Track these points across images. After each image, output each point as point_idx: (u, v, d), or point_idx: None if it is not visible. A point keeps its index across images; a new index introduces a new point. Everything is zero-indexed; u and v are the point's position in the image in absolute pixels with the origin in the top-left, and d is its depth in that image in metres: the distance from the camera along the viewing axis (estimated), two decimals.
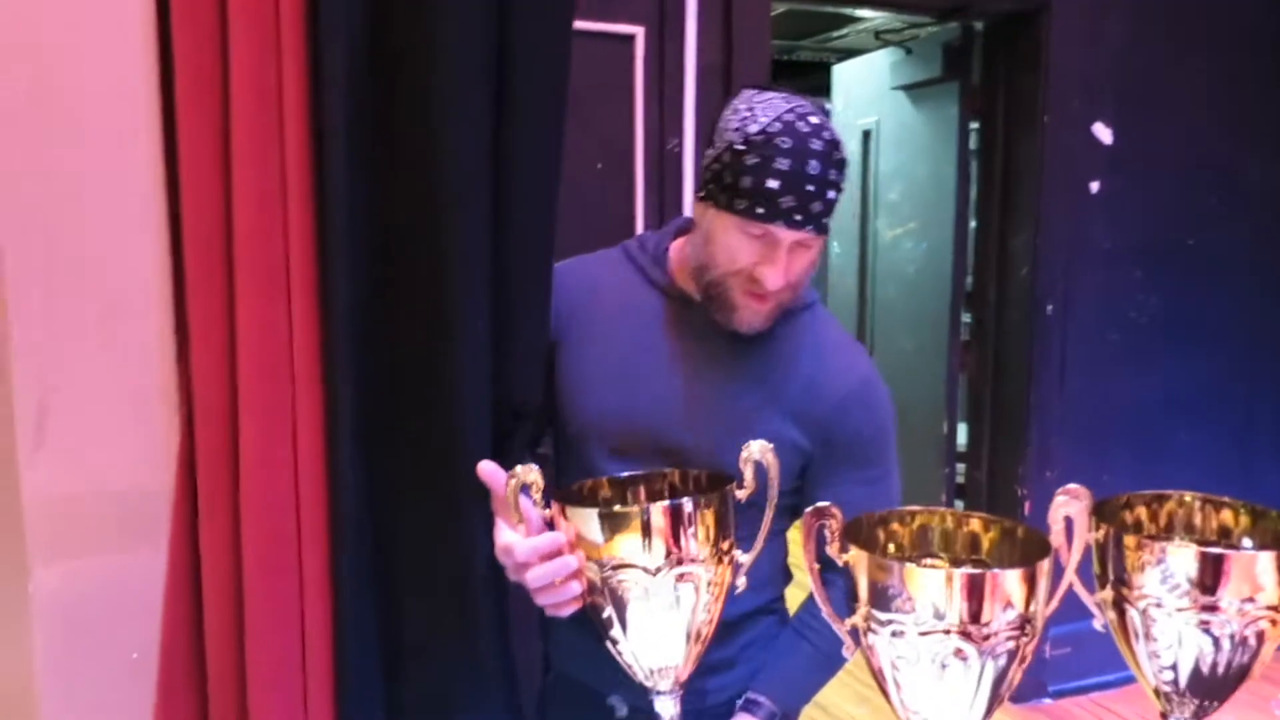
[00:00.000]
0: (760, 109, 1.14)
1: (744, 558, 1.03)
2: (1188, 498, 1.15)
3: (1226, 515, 1.12)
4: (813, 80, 5.86)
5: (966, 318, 3.46)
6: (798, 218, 1.11)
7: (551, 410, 1.27)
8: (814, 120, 1.13)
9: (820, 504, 0.95)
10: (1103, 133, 3.08)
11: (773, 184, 1.09)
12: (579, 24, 1.30)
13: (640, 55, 2.35)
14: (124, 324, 1.27)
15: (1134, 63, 3.10)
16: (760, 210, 1.10)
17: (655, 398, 1.22)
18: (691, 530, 0.98)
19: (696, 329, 1.23)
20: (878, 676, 0.98)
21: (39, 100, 1.17)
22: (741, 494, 1.01)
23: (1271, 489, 3.29)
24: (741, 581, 1.03)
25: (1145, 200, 3.19)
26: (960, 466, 3.51)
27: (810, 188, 1.10)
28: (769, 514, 1.03)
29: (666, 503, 0.99)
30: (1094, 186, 3.10)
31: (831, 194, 1.14)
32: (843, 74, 4.15)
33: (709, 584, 1.00)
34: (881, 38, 4.18)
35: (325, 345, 1.19)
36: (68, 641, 1.27)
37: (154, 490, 1.30)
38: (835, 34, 5.06)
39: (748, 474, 1.02)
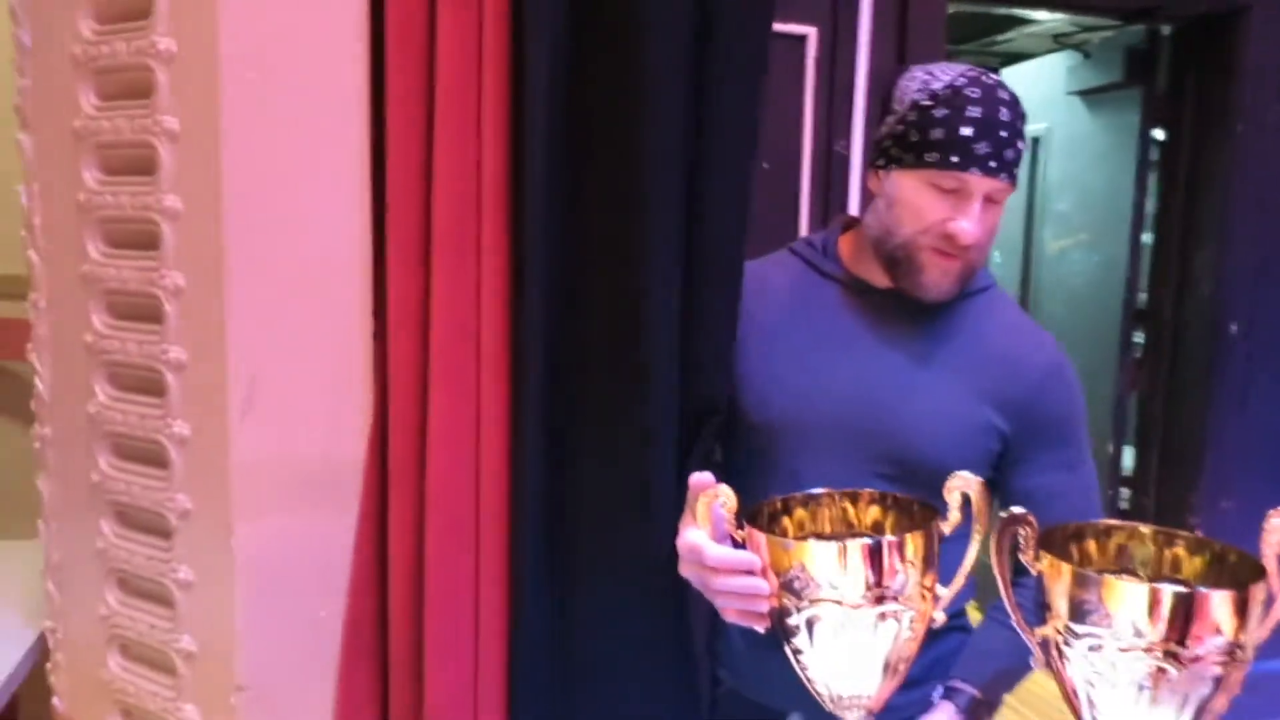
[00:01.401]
0: (939, 71, 1.16)
1: (944, 591, 1.00)
2: None
3: None
4: None
5: (1138, 337, 3.29)
6: (993, 164, 1.11)
7: (731, 413, 1.28)
8: (995, 77, 1.16)
9: (1016, 510, 0.92)
10: None
11: (966, 131, 1.10)
12: None
13: (811, 56, 2.34)
14: (327, 306, 1.35)
15: None
16: (955, 159, 1.11)
17: (843, 386, 1.21)
18: (893, 566, 0.94)
19: (878, 315, 1.22)
20: (1069, 695, 0.94)
21: (263, 99, 1.26)
22: (947, 528, 0.98)
23: None
24: (940, 616, 1.00)
25: None
26: (1125, 491, 3.34)
27: (1003, 134, 1.11)
28: (973, 550, 1.00)
29: (869, 539, 0.96)
30: None
31: (1020, 144, 1.15)
32: (1013, 77, 4.01)
33: (910, 621, 0.97)
34: (1059, 40, 4.01)
35: (515, 335, 1.23)
36: (264, 595, 1.36)
37: (349, 459, 1.37)
38: (1000, 38, 4.89)
39: (953, 505, 0.98)
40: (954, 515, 0.98)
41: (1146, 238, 3.25)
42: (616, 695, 1.26)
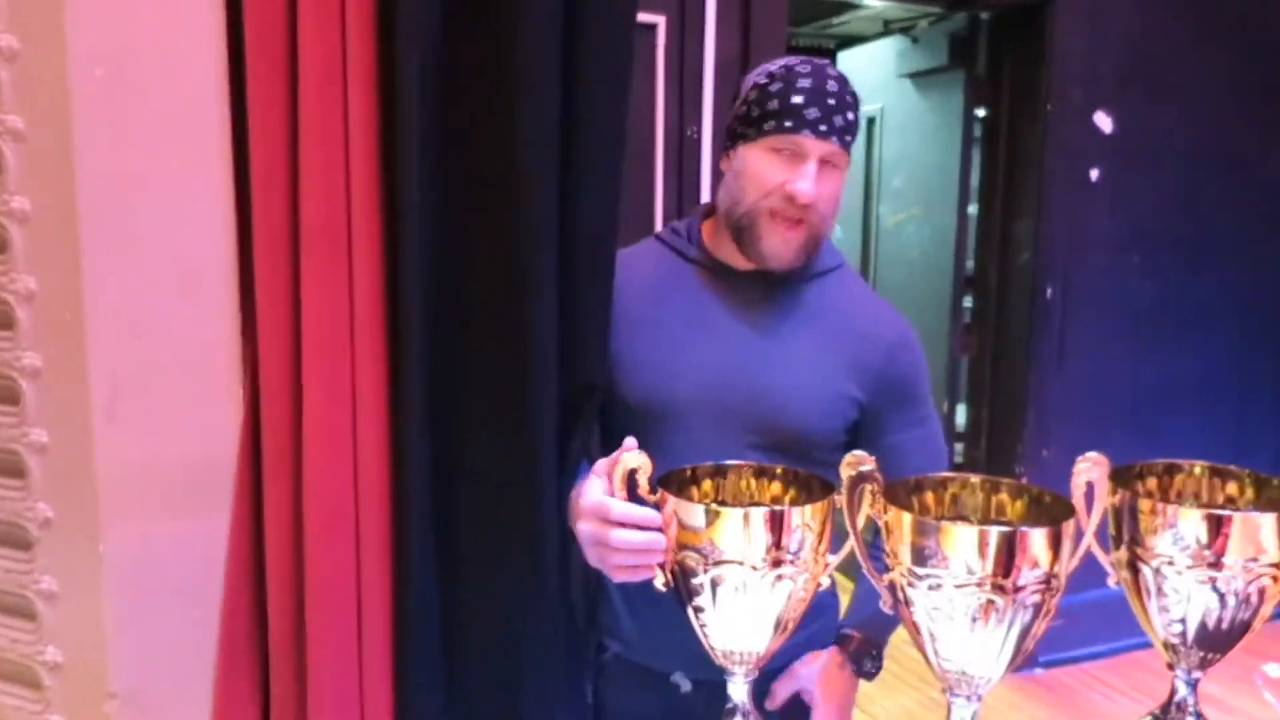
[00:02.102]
0: (777, 60, 1.28)
1: (833, 559, 1.09)
2: (1196, 468, 1.23)
3: (1232, 485, 1.20)
4: None
5: (968, 302, 3.54)
6: (823, 128, 1.21)
7: (606, 395, 1.33)
8: (824, 61, 1.27)
9: (863, 469, 1.02)
10: (1104, 121, 3.16)
11: (797, 99, 1.21)
12: None
13: (661, 44, 2.42)
14: (192, 305, 1.34)
15: (1135, 53, 3.17)
16: (789, 123, 1.21)
17: (710, 364, 1.28)
18: (795, 535, 1.02)
19: (739, 296, 1.30)
20: (914, 632, 1.05)
21: (115, 96, 1.23)
22: (840, 500, 1.06)
23: (1266, 471, 3.38)
24: (826, 580, 1.09)
25: (1145, 188, 3.28)
26: (960, 446, 3.60)
27: (832, 101, 1.22)
28: (850, 529, 1.07)
29: (778, 508, 1.04)
30: (1094, 174, 3.18)
31: (851, 115, 1.24)
32: (847, 61, 4.21)
33: (804, 582, 1.05)
34: (889, 25, 4.23)
35: (391, 322, 1.25)
36: (135, 600, 1.34)
37: (220, 459, 1.37)
38: (836, 20, 5.12)
39: (846, 480, 1.05)
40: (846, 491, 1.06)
41: (973, 210, 3.50)
42: (503, 674, 1.31)
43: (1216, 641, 1.10)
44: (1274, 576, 1.07)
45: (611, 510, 1.09)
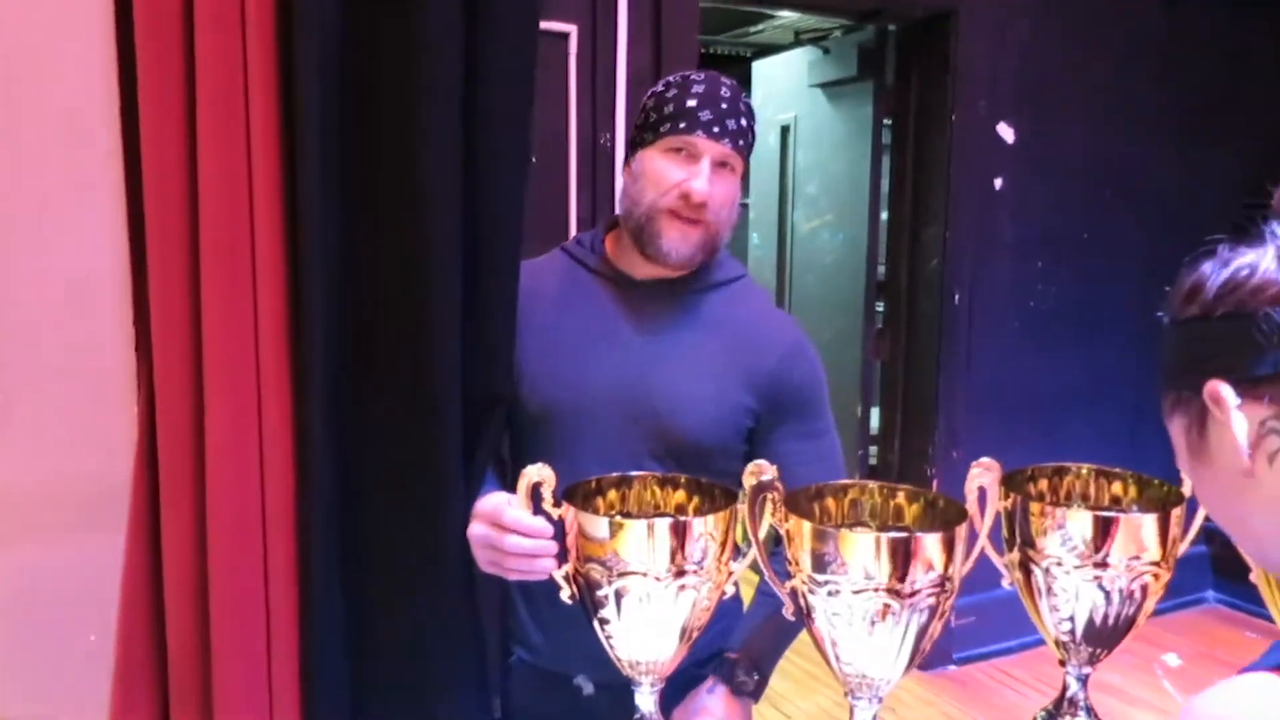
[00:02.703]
0: (673, 75, 1.32)
1: (736, 567, 1.10)
2: (1084, 470, 1.28)
3: (1117, 485, 1.26)
4: (731, 74, 5.96)
5: (880, 307, 3.62)
6: (715, 129, 1.25)
7: (511, 405, 1.34)
8: (717, 74, 1.32)
9: (764, 478, 1.04)
10: (1006, 132, 3.26)
11: (691, 102, 1.26)
12: None
13: (574, 52, 2.42)
14: (83, 315, 1.30)
15: (1036, 66, 3.28)
16: (683, 125, 1.25)
17: (611, 374, 1.29)
18: (698, 544, 1.03)
19: (641, 306, 1.32)
20: (815, 637, 1.08)
21: (5, 96, 1.19)
22: (742, 510, 1.07)
23: (1158, 469, 3.53)
24: (730, 589, 1.10)
25: (1045, 196, 3.39)
26: (874, 449, 3.67)
27: (724, 105, 1.26)
28: (751, 537, 1.09)
29: (681, 518, 1.05)
30: (998, 183, 3.28)
31: (744, 121, 1.28)
32: (762, 70, 4.27)
33: (707, 592, 1.06)
34: (800, 36, 4.31)
35: (294, 335, 1.23)
36: (25, 625, 1.29)
37: (116, 477, 1.33)
38: (752, 29, 5.19)
39: (749, 490, 1.07)
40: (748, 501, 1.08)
41: (884, 217, 3.58)
42: (411, 686, 1.30)
43: (1104, 637, 1.15)
44: (1155, 574, 1.12)
45: (504, 516, 1.11)
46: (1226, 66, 3.65)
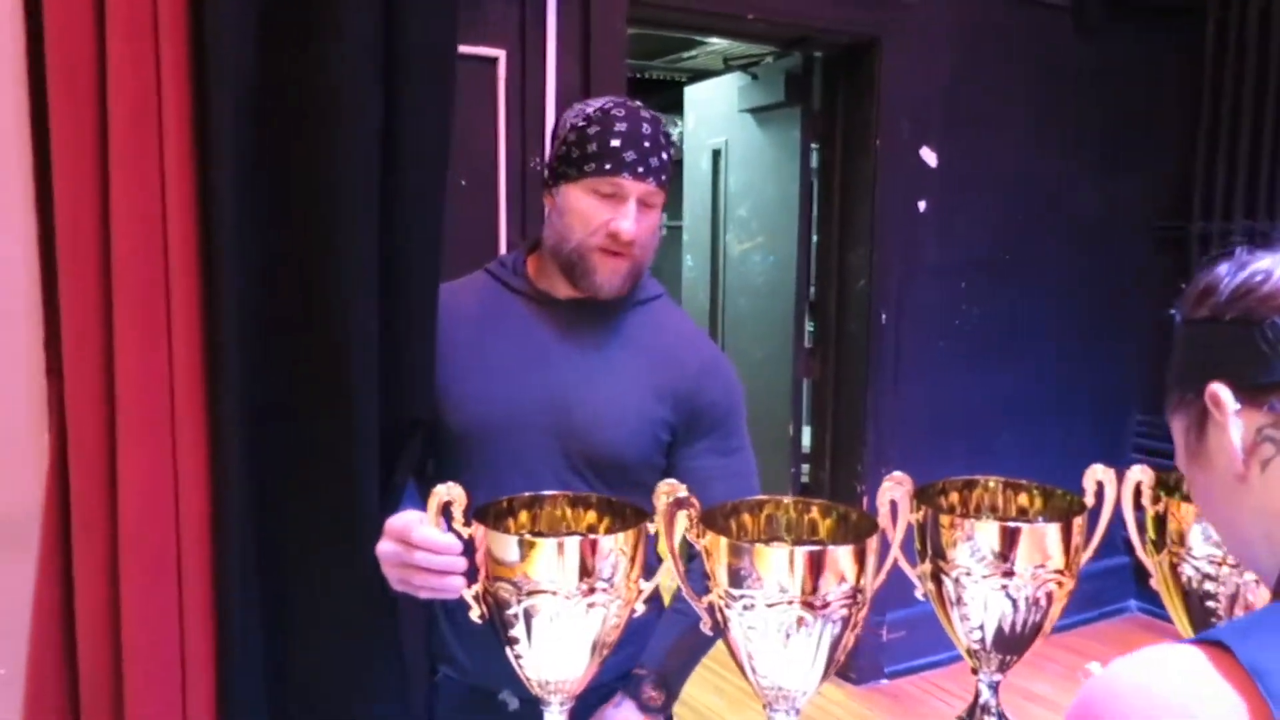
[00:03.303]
0: (591, 101, 1.34)
1: (646, 585, 1.11)
2: (992, 483, 1.32)
3: (1024, 497, 1.30)
4: (665, 98, 6.04)
5: (810, 327, 3.68)
6: (640, 169, 1.28)
7: (436, 425, 1.34)
8: (637, 104, 1.34)
9: (680, 495, 1.06)
10: (929, 156, 3.35)
11: (615, 142, 1.27)
12: None
13: (503, 76, 2.44)
14: None
15: (957, 92, 3.38)
16: (608, 166, 1.27)
17: (533, 392, 1.31)
18: (607, 562, 1.04)
19: (562, 325, 1.34)
20: (733, 650, 1.09)
21: None
22: (653, 527, 1.09)
23: (1077, 482, 3.64)
24: (640, 606, 1.11)
25: (968, 218, 3.49)
26: (806, 467, 3.72)
27: (647, 144, 1.29)
28: (667, 552, 1.09)
29: (584, 536, 1.06)
30: (922, 205, 3.37)
31: (665, 155, 1.32)
32: (694, 95, 4.33)
33: (616, 609, 1.07)
34: (729, 63, 4.38)
35: (210, 366, 1.23)
36: None
37: (26, 508, 1.30)
38: (686, 55, 5.26)
39: (660, 510, 1.08)
40: (660, 518, 1.08)
41: (815, 239, 3.64)
42: (329, 705, 1.29)
43: (1012, 644, 1.19)
44: (1059, 582, 1.16)
45: (413, 533, 1.11)
46: (1140, 92, 3.80)
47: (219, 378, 1.23)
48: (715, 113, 4.10)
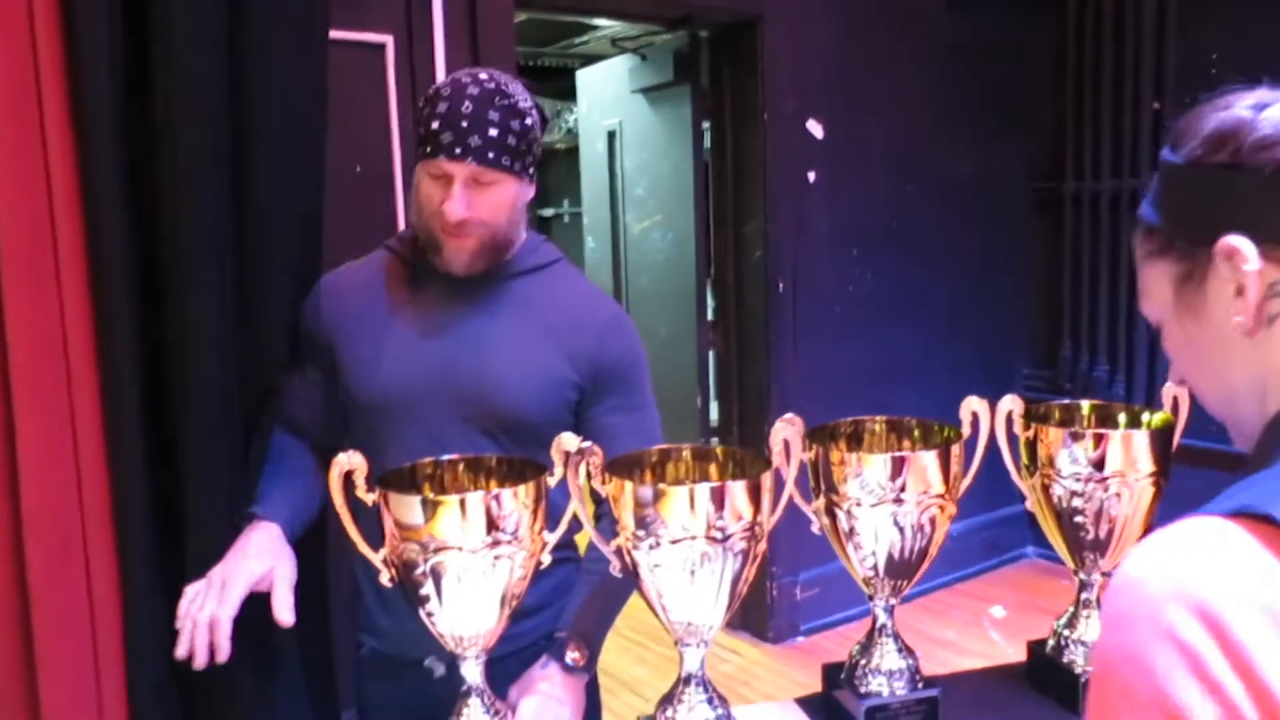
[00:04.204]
0: (446, 79, 1.31)
1: (550, 537, 1.15)
2: (878, 423, 1.41)
3: (906, 433, 1.39)
4: (559, 85, 6.06)
5: (711, 301, 3.76)
6: (457, 150, 1.24)
7: (345, 400, 1.37)
8: (482, 77, 1.29)
9: (583, 445, 1.11)
10: (815, 128, 3.46)
11: (435, 124, 1.26)
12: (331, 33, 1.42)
13: (391, 62, 2.44)
14: None
15: (840, 66, 3.50)
16: (429, 149, 1.26)
17: (438, 359, 1.34)
18: (508, 515, 1.08)
19: (462, 295, 1.36)
20: (643, 591, 1.15)
21: None
22: (552, 481, 1.13)
23: None
24: (546, 558, 1.15)
25: (856, 187, 3.61)
26: (715, 440, 3.81)
27: (465, 124, 1.24)
28: (574, 500, 1.14)
29: (486, 492, 1.10)
30: (812, 176, 3.48)
31: (492, 131, 1.25)
32: (585, 79, 4.37)
33: (521, 561, 1.11)
34: (618, 44, 4.43)
35: (100, 342, 1.23)
36: None
37: None
38: (578, 40, 5.29)
39: (558, 462, 1.12)
40: (559, 471, 1.13)
41: (709, 215, 3.73)
42: (245, 687, 1.31)
43: (902, 569, 1.27)
44: (940, 506, 1.25)
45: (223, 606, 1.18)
46: (1012, 63, 3.99)
47: (110, 356, 1.24)
48: (608, 95, 4.15)
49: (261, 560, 1.22)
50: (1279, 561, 0.53)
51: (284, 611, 1.19)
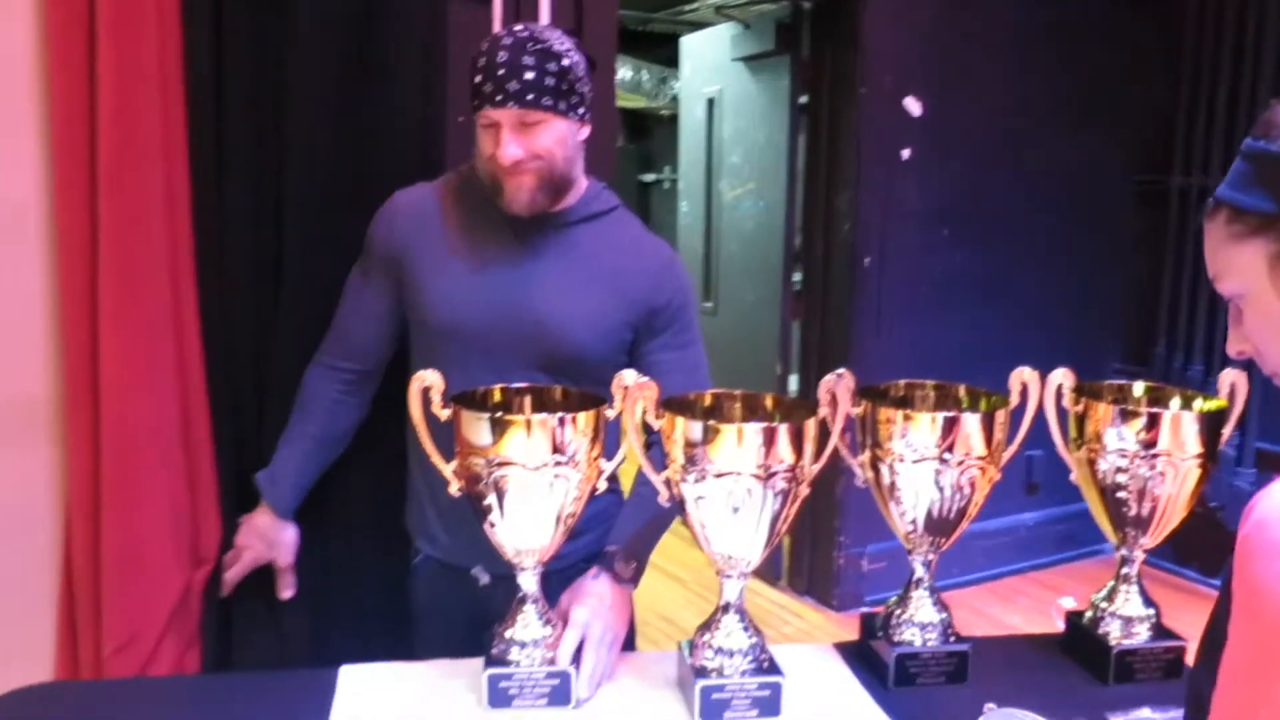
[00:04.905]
0: (485, 39, 1.40)
1: (606, 465, 1.25)
2: (929, 387, 1.47)
3: (957, 397, 1.44)
4: (665, 51, 6.11)
5: (797, 272, 3.80)
6: (498, 98, 1.34)
7: (409, 318, 1.49)
8: (516, 29, 1.39)
9: (640, 380, 1.20)
10: (913, 105, 3.45)
11: (478, 78, 1.36)
12: None
13: (498, 19, 2.53)
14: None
15: (940, 43, 3.47)
16: (475, 101, 1.37)
17: (502, 296, 1.43)
18: (568, 439, 1.18)
19: (531, 236, 1.46)
20: (688, 522, 1.23)
21: None
22: (611, 413, 1.23)
23: None
24: (602, 484, 1.25)
25: (950, 167, 3.59)
26: None
27: (501, 72, 1.34)
28: (629, 431, 1.23)
29: (550, 415, 1.19)
30: (905, 154, 3.47)
31: (529, 75, 1.34)
32: (689, 45, 4.41)
33: (577, 484, 1.21)
34: (722, 12, 4.46)
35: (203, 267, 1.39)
36: None
37: (33, 397, 1.46)
38: (686, 8, 5.33)
39: (617, 397, 1.22)
40: (617, 404, 1.23)
41: (800, 186, 3.75)
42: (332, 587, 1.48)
43: (941, 527, 1.33)
44: (981, 469, 1.30)
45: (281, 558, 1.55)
46: (1117, 48, 3.88)
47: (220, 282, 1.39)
48: (710, 62, 4.19)
49: (259, 550, 1.55)
50: None
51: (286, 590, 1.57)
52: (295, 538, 1.56)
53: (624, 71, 6.07)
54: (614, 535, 1.42)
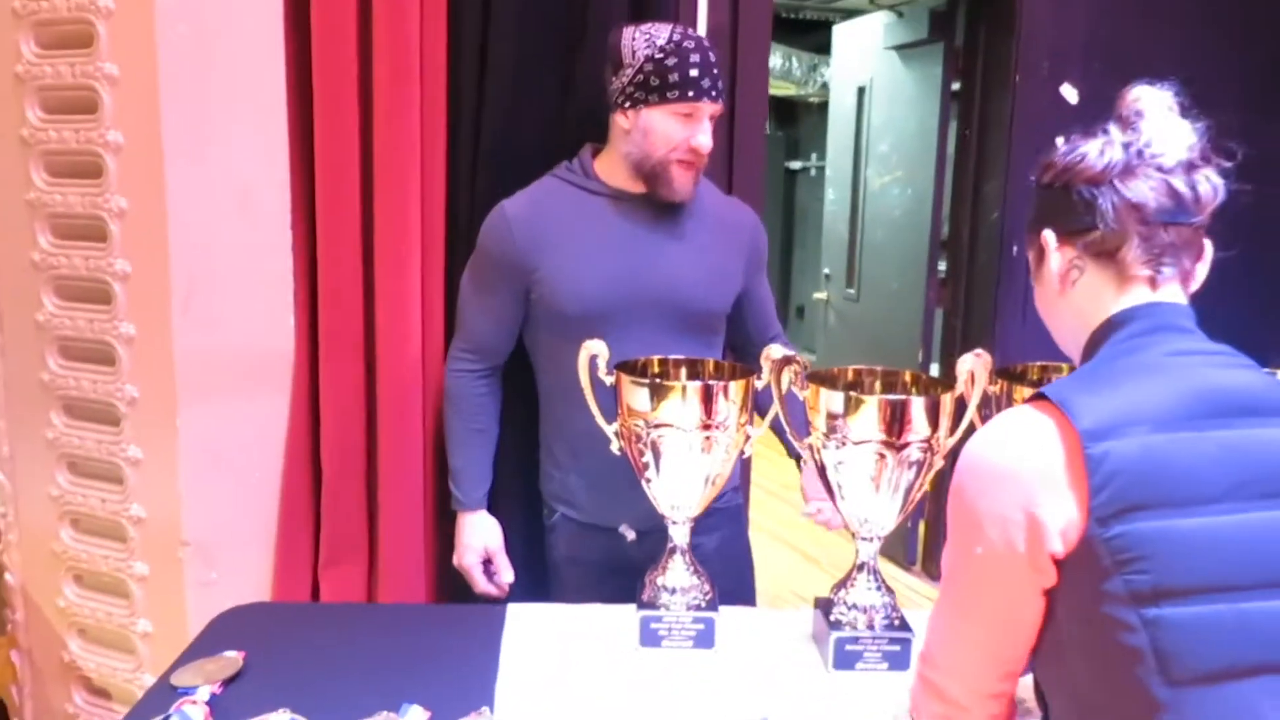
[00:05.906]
0: (653, 32, 1.55)
1: (754, 431, 1.37)
2: (1065, 368, 1.51)
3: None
4: (815, 39, 6.12)
5: (943, 261, 3.78)
6: (714, 93, 1.54)
7: (544, 314, 1.61)
8: (688, 30, 1.58)
9: (787, 354, 1.31)
10: (1070, 93, 3.39)
11: (694, 72, 1.52)
12: None
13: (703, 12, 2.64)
14: (254, 221, 1.62)
15: (1100, 30, 3.39)
16: (691, 93, 1.52)
17: (632, 270, 1.57)
18: (719, 405, 1.30)
19: (640, 214, 1.60)
20: (827, 485, 1.33)
21: (195, 49, 1.52)
22: (760, 383, 1.34)
23: None
24: (749, 448, 1.37)
25: None
26: None
27: (716, 70, 1.55)
28: (775, 401, 1.35)
29: (704, 382, 1.32)
30: (1060, 142, 3.41)
31: (718, 72, 1.55)
32: (841, 33, 4.43)
33: (726, 447, 1.33)
34: (875, 1, 4.45)
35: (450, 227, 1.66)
36: (204, 465, 1.63)
37: (279, 349, 1.67)
38: None
39: (765, 369, 1.34)
40: (766, 376, 1.34)
41: (948, 174, 3.73)
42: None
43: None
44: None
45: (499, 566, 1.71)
46: None
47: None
48: (861, 51, 4.20)
49: (480, 550, 1.70)
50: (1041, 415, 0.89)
51: (505, 573, 1.71)
52: (498, 526, 1.72)
53: (775, 59, 6.11)
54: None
